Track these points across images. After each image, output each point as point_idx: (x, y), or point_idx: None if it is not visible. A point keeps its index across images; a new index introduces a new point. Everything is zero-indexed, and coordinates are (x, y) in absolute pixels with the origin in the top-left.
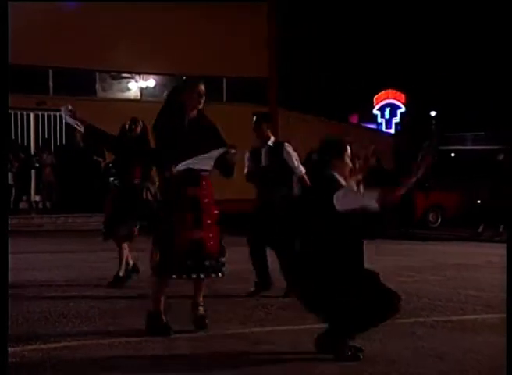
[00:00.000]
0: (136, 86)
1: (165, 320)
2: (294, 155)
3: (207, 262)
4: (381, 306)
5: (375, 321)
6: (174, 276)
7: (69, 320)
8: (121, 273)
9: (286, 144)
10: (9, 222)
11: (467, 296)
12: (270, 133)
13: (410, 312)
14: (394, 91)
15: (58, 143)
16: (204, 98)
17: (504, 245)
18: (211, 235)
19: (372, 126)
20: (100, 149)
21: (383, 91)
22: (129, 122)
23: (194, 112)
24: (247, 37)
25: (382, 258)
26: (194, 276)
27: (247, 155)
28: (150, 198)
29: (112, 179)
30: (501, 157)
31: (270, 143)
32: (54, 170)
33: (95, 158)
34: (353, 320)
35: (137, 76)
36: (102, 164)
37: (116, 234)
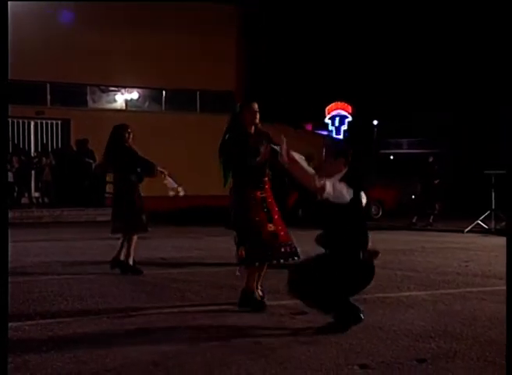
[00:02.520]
0: (122, 98)
1: (258, 297)
2: None
3: (282, 249)
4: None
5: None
6: (259, 263)
7: (64, 299)
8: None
9: None
10: (12, 215)
11: (403, 276)
12: None
13: None
14: (342, 103)
15: (54, 147)
16: (257, 114)
17: (434, 233)
18: (280, 227)
19: (324, 132)
20: (91, 152)
21: (333, 103)
22: (128, 130)
23: (252, 128)
24: (217, 56)
25: None
26: (275, 261)
27: None
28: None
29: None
30: (430, 159)
31: None
32: (51, 171)
33: (86, 160)
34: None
35: (123, 90)
36: (93, 165)
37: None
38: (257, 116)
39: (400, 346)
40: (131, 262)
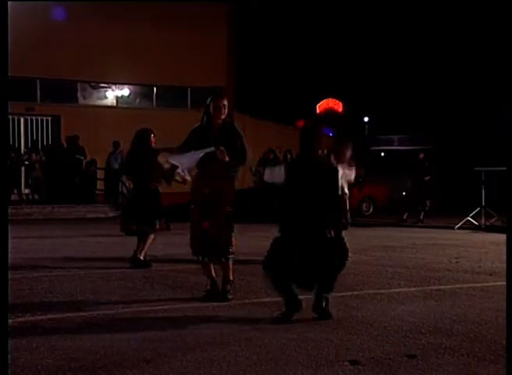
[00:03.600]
0: (113, 94)
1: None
2: None
3: (211, 248)
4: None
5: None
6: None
7: (54, 296)
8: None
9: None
10: None
11: (393, 273)
12: None
13: (347, 286)
14: (333, 100)
15: (44, 143)
16: (224, 109)
17: (425, 230)
18: (214, 226)
19: None
20: (81, 149)
21: (324, 100)
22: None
23: (220, 122)
24: (208, 53)
25: None
26: (205, 259)
27: None
28: None
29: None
30: (421, 156)
31: None
32: (42, 167)
33: (77, 156)
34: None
35: (113, 86)
36: (83, 162)
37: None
38: (224, 111)
39: (391, 342)
40: (142, 257)
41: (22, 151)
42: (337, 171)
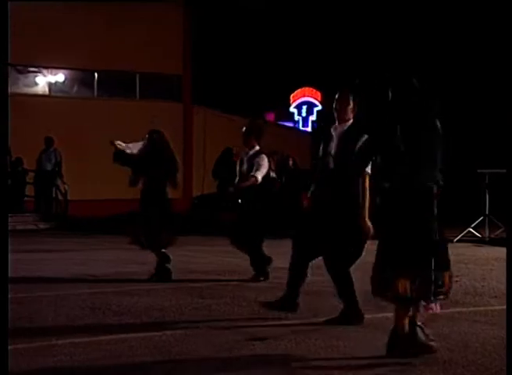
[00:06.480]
0: (44, 81)
1: None
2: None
3: None
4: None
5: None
6: None
7: None
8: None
9: (263, 155)
10: None
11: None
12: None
13: (324, 311)
14: (311, 89)
15: None
16: None
17: None
18: None
19: (289, 124)
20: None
21: (300, 89)
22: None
23: None
24: (162, 34)
25: None
26: None
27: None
28: None
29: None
30: None
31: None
32: None
33: None
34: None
35: (45, 71)
36: (8, 161)
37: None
38: None
39: None
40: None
41: None
42: None
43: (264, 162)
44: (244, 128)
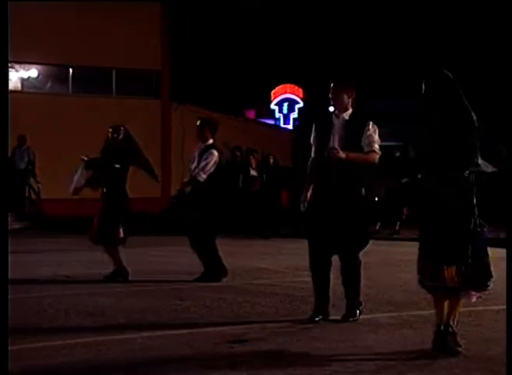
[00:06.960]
0: (16, 76)
1: None
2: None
3: None
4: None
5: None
6: None
7: None
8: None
9: (213, 150)
10: None
11: (362, 295)
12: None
13: (305, 312)
14: (292, 86)
15: None
16: None
17: (402, 243)
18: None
19: (270, 121)
20: None
21: (281, 86)
22: (110, 130)
23: None
24: (139, 28)
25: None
26: None
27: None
28: None
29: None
30: (397, 153)
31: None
32: None
33: None
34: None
35: (17, 66)
36: None
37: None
38: None
39: None
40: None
41: None
42: None
43: (211, 160)
44: (198, 121)
